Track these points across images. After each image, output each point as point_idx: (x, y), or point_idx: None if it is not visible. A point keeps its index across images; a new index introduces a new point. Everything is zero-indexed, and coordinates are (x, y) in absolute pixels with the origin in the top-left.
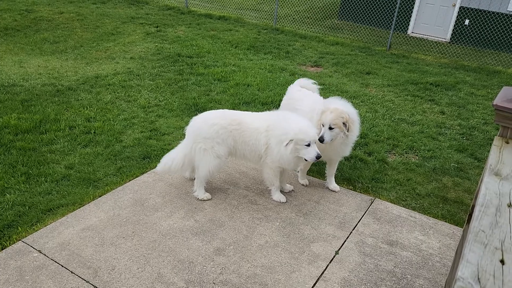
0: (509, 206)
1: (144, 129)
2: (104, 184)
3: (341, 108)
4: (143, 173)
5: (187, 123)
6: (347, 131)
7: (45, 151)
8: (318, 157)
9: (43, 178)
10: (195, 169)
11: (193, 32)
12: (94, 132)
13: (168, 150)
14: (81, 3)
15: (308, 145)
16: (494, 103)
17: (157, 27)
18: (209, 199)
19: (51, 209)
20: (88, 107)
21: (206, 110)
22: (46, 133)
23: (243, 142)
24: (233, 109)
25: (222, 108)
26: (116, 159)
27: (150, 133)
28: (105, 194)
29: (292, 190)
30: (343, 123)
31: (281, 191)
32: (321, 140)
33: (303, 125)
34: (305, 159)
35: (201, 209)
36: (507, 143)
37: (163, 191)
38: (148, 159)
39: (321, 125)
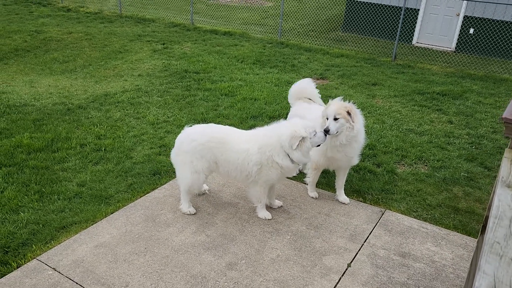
0: None
1: (153, 145)
2: (116, 200)
3: (342, 101)
4: (153, 189)
5: None
6: (352, 121)
7: (57, 169)
8: (326, 130)
9: (56, 196)
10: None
11: (199, 48)
12: (104, 149)
13: None
14: (89, 23)
15: (315, 134)
16: (504, 116)
17: (163, 44)
18: (192, 214)
19: (64, 227)
20: (98, 124)
21: None
22: (58, 151)
23: (226, 160)
24: (241, 123)
25: (230, 123)
26: (127, 175)
27: (159, 149)
28: (117, 210)
29: (281, 206)
30: (347, 113)
31: (270, 207)
32: (327, 131)
33: (298, 122)
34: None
35: (212, 224)
36: None
37: (174, 206)
38: (158, 175)
39: (326, 119)
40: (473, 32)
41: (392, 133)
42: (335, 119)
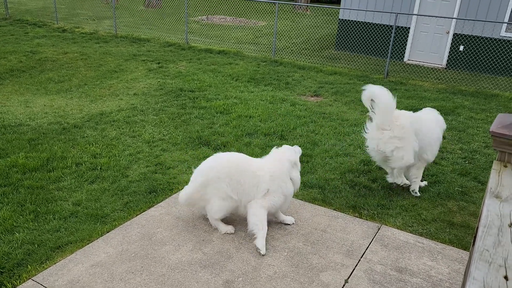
0: (510, 226)
1: (149, 164)
2: (112, 219)
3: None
4: (150, 207)
5: (191, 156)
6: None
7: (52, 188)
8: None
9: (51, 216)
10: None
11: (194, 67)
12: (100, 168)
13: (174, 184)
14: (85, 43)
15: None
16: (491, 130)
17: (158, 63)
18: (231, 233)
19: (59, 246)
20: (94, 143)
21: (210, 143)
22: (53, 171)
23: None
24: (237, 140)
25: (226, 140)
26: (123, 194)
27: (155, 168)
28: (113, 229)
29: (293, 223)
30: None
31: (284, 223)
32: None
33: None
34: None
35: (208, 241)
36: (505, 166)
37: (170, 224)
38: (155, 193)
39: None
40: (463, 49)
41: None
42: None
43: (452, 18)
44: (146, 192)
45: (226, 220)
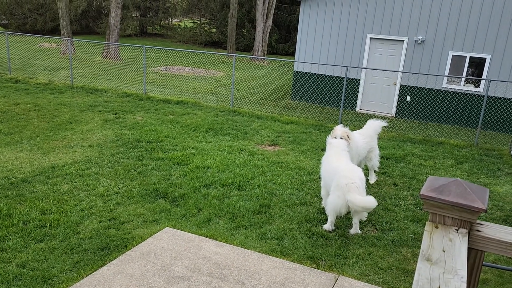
0: None
1: (102, 219)
2: (60, 281)
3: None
4: (101, 266)
5: (147, 210)
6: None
7: None
8: None
9: None
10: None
11: (151, 117)
12: (49, 225)
13: (128, 240)
14: (39, 93)
15: None
16: (421, 193)
17: (115, 114)
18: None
19: None
20: (44, 199)
21: (166, 196)
22: None
23: None
24: (194, 192)
25: (183, 192)
26: (73, 252)
27: (109, 223)
28: None
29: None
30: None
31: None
32: None
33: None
34: None
35: None
36: (436, 227)
37: (123, 284)
38: (107, 250)
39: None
40: (410, 99)
41: None
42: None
43: (398, 72)
44: (98, 250)
45: None
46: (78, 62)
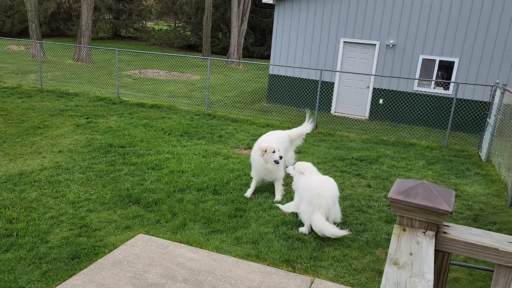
0: None
1: (73, 226)
2: None
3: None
4: (71, 276)
5: (120, 216)
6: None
7: None
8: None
9: None
10: None
11: (125, 121)
12: (16, 234)
13: (100, 247)
14: (6, 98)
15: None
16: (389, 196)
17: (87, 119)
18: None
19: None
20: (10, 207)
21: (140, 201)
22: None
23: None
24: (168, 197)
25: (157, 198)
26: (42, 262)
27: (80, 230)
28: None
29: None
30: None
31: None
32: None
33: None
34: None
35: None
36: (404, 230)
37: None
38: (78, 259)
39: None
40: (383, 102)
41: None
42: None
43: (371, 75)
44: (68, 259)
45: None
46: (48, 65)
